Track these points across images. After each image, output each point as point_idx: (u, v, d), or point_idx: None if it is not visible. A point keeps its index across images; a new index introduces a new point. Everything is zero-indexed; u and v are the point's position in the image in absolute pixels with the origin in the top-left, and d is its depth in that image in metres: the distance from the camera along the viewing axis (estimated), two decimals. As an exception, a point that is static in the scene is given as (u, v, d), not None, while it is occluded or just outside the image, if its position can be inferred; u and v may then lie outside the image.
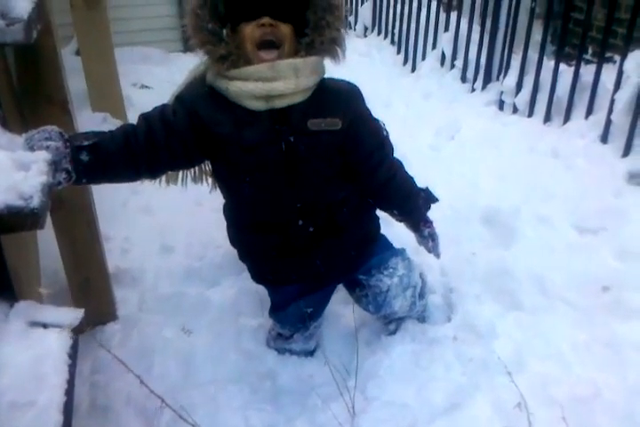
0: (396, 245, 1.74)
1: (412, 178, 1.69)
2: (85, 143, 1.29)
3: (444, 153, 2.81)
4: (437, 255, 1.77)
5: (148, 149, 1.37)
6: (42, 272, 1.82)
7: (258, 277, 1.69)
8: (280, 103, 1.35)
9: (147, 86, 4.01)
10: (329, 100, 1.41)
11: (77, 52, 3.42)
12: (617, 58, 2.47)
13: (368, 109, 1.53)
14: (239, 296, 2.03)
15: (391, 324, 1.78)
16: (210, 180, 1.85)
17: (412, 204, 1.68)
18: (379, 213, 1.71)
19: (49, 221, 1.67)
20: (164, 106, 1.43)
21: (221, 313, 1.97)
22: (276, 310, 1.72)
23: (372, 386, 1.56)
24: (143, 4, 4.54)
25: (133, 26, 4.47)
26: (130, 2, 4.38)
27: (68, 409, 1.01)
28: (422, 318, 1.82)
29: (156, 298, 2.01)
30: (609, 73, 2.53)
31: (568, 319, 1.75)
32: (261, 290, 1.85)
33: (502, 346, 1.63)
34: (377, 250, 1.66)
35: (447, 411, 1.48)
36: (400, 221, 1.74)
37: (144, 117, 1.40)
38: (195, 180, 1.84)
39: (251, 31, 1.31)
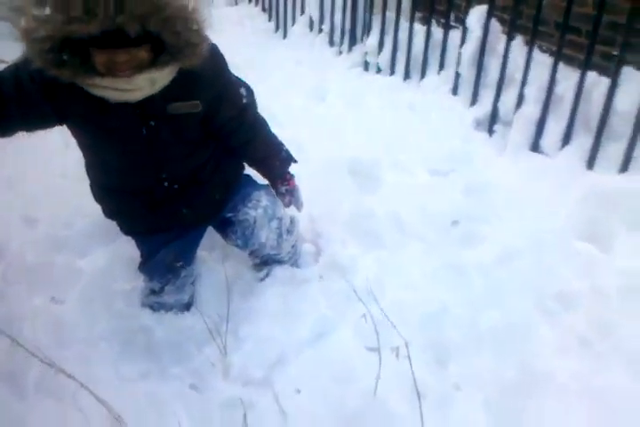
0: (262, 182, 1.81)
1: (273, 138, 1.75)
2: None
3: (314, 113, 2.90)
4: (298, 209, 1.85)
5: (15, 106, 1.32)
6: None
7: (126, 229, 1.71)
8: (138, 97, 1.34)
9: (2, 60, 3.77)
10: (188, 83, 1.40)
11: None
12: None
13: (230, 79, 1.54)
14: (111, 264, 2.00)
15: (262, 271, 1.85)
16: None
17: (270, 163, 1.74)
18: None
19: None
20: (17, 67, 1.34)
21: (93, 281, 1.93)
22: (145, 262, 1.73)
23: (243, 328, 1.63)
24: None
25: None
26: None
27: None
28: (295, 263, 1.90)
29: (21, 269, 1.95)
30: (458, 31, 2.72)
31: (421, 252, 1.91)
32: (134, 256, 1.87)
33: (363, 280, 1.75)
34: (240, 187, 1.71)
35: (313, 341, 1.59)
36: (262, 176, 1.80)
37: (11, 70, 1.34)
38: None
39: (103, 59, 1.24)
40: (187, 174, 1.57)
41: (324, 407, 1.39)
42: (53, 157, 2.43)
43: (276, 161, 1.74)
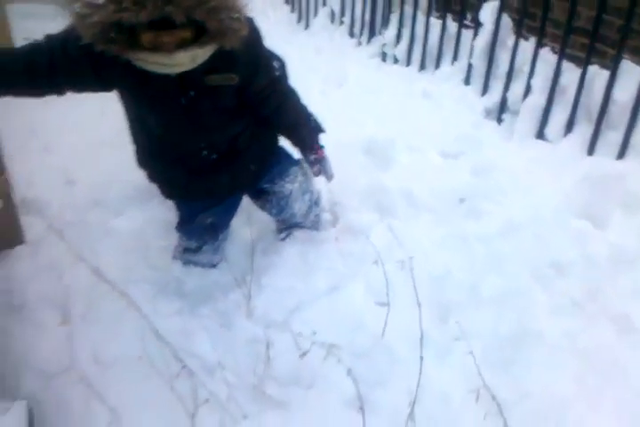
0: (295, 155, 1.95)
1: (303, 107, 1.83)
2: None
3: (333, 98, 3.07)
4: (328, 178, 1.95)
5: (48, 76, 1.45)
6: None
7: (167, 194, 1.84)
8: (179, 71, 1.43)
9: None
10: (226, 57, 1.47)
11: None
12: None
13: (263, 52, 1.61)
14: (146, 223, 2.18)
15: (282, 232, 2.02)
16: None
17: (300, 131, 1.85)
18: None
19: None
20: (66, 36, 1.44)
21: (128, 238, 2.12)
22: (183, 223, 1.85)
23: (265, 279, 1.81)
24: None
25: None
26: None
27: None
28: (315, 227, 2.06)
29: (61, 225, 2.12)
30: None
31: (429, 223, 2.08)
32: (169, 217, 2.04)
33: (375, 243, 1.91)
34: (277, 160, 1.85)
35: (328, 292, 1.76)
36: (293, 145, 1.92)
37: (48, 43, 1.45)
38: None
39: (149, 38, 1.33)
40: (224, 144, 1.68)
41: (335, 347, 1.55)
42: (89, 124, 2.61)
43: (305, 129, 1.84)
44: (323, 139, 2.12)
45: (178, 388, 1.39)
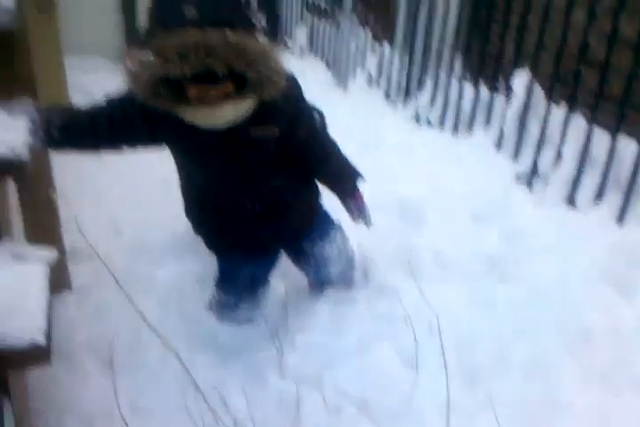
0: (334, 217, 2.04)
1: (342, 157, 1.92)
2: (56, 121, 1.55)
3: (368, 158, 3.16)
4: (366, 223, 2.00)
5: (108, 135, 1.61)
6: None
7: (210, 245, 1.93)
8: (223, 123, 1.54)
9: (89, 92, 4.21)
10: (268, 110, 1.57)
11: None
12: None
13: (304, 105, 1.72)
14: (185, 275, 2.29)
15: (316, 290, 2.09)
16: None
17: (340, 179, 1.92)
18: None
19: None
20: (124, 98, 1.59)
21: (168, 288, 2.22)
22: (223, 278, 1.92)
23: (298, 336, 1.88)
24: (89, 16, 4.74)
25: (81, 38, 4.66)
26: (76, 15, 4.58)
27: (50, 319, 1.23)
28: (347, 286, 2.12)
29: (106, 273, 2.23)
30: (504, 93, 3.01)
31: (459, 285, 2.13)
32: (208, 270, 2.15)
33: (405, 304, 1.97)
34: (319, 221, 1.93)
35: (358, 352, 1.82)
36: (333, 192, 1.97)
37: (108, 104, 1.62)
38: None
39: (194, 92, 1.45)
40: (268, 196, 1.76)
41: (363, 408, 1.59)
42: (139, 177, 2.77)
43: (344, 178, 1.91)
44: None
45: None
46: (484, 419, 1.63)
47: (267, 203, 1.79)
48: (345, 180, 1.93)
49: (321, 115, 1.86)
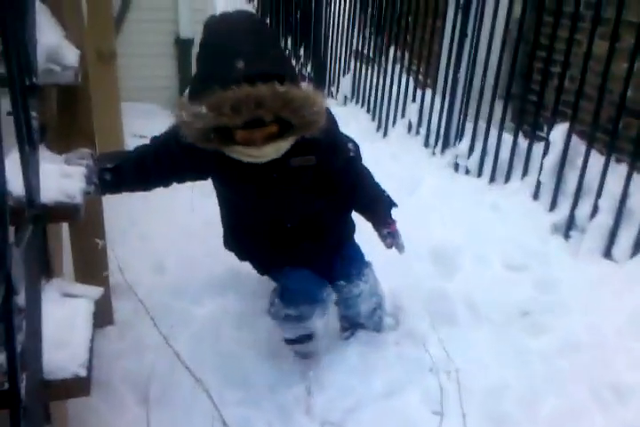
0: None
1: (376, 185, 2.02)
2: (109, 166, 1.70)
3: (404, 203, 3.22)
4: (399, 251, 2.04)
5: (156, 171, 1.75)
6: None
7: (258, 268, 2.07)
8: (266, 160, 1.65)
9: (144, 136, 4.45)
10: (306, 143, 1.64)
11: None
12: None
13: (339, 136, 1.82)
14: (221, 313, 2.35)
15: (346, 331, 2.13)
16: None
17: (374, 206, 2.01)
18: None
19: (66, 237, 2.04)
20: (168, 136, 1.71)
21: (204, 326, 2.29)
22: (283, 291, 1.89)
23: (326, 376, 1.90)
24: (146, 65, 5.06)
25: (136, 84, 4.97)
26: (134, 63, 4.90)
27: (91, 353, 1.31)
28: (376, 329, 2.16)
29: (147, 309, 2.34)
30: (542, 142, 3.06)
31: (489, 334, 2.13)
32: (243, 309, 2.23)
33: (434, 351, 1.99)
34: (354, 257, 2.03)
35: (385, 396, 1.83)
36: (367, 220, 2.04)
37: (153, 144, 1.77)
38: None
39: (243, 136, 1.55)
40: (305, 222, 1.88)
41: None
42: (181, 217, 2.90)
43: (379, 205, 1.99)
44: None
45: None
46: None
47: (304, 227, 1.89)
48: (379, 207, 2.01)
49: (355, 145, 1.96)
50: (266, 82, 1.43)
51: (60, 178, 1.45)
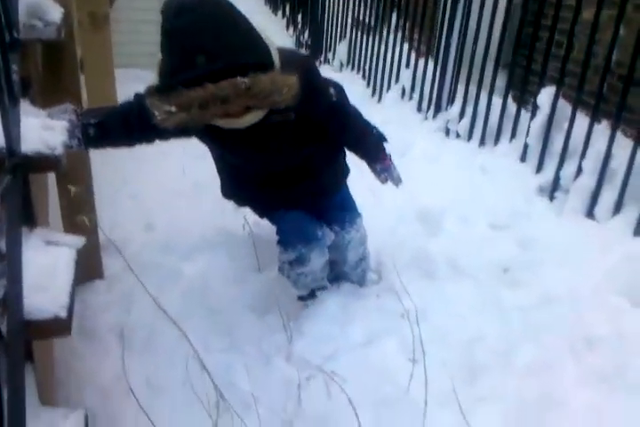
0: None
1: (365, 123, 2.03)
2: (92, 121, 1.71)
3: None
4: (396, 184, 2.13)
5: (139, 128, 1.74)
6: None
7: (258, 212, 2.13)
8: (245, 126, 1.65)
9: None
10: None
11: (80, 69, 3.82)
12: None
13: (319, 86, 1.76)
14: (209, 269, 2.41)
15: (331, 283, 2.18)
16: None
17: (364, 145, 2.03)
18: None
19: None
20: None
21: (192, 281, 2.34)
22: (281, 232, 1.95)
23: (306, 325, 1.96)
24: (141, 31, 5.02)
25: (130, 50, 4.94)
26: (128, 29, 4.86)
27: (72, 297, 1.35)
28: (359, 282, 2.22)
29: (136, 265, 2.39)
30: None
31: (470, 289, 2.18)
32: (230, 265, 2.28)
33: (414, 303, 2.03)
34: (347, 205, 2.10)
35: (363, 345, 1.89)
36: (360, 158, 2.07)
37: (137, 101, 1.73)
38: None
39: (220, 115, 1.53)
40: (299, 164, 1.91)
41: (362, 395, 1.67)
42: (172, 178, 2.94)
43: (369, 144, 2.02)
44: (379, 203, 2.31)
45: (214, 416, 1.54)
46: (480, 413, 1.68)
47: (296, 172, 1.94)
48: (369, 146, 2.04)
49: (337, 88, 1.93)
50: (231, 75, 1.40)
51: (42, 130, 1.48)
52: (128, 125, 1.76)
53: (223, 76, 1.40)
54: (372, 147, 2.06)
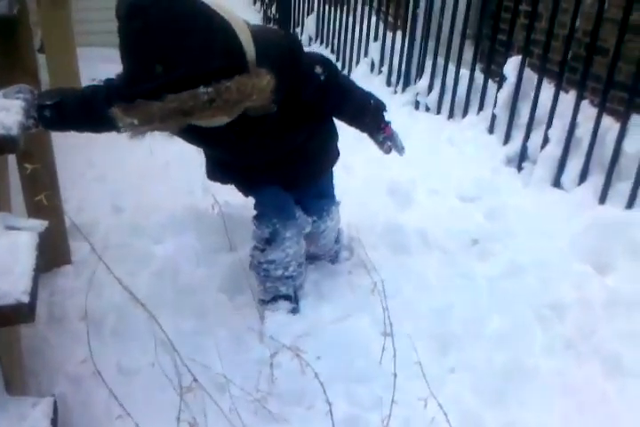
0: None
1: (362, 96, 1.89)
2: (48, 102, 1.62)
3: (364, 141, 3.26)
4: (399, 153, 1.99)
5: (106, 115, 1.55)
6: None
7: (243, 191, 2.04)
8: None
9: (102, 80, 4.33)
10: None
11: (40, 50, 3.68)
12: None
13: (302, 69, 1.61)
14: (179, 251, 2.38)
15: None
16: None
17: (363, 118, 1.90)
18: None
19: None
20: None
21: (161, 263, 2.32)
22: (259, 205, 1.92)
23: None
24: (102, 7, 4.86)
25: (93, 28, 4.79)
26: (90, 5, 4.71)
27: (35, 282, 1.32)
28: (332, 261, 2.23)
29: (105, 248, 2.35)
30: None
31: (439, 261, 2.20)
32: (200, 246, 2.27)
33: (385, 277, 2.04)
34: (327, 194, 2.08)
35: (335, 321, 1.90)
36: (361, 131, 1.96)
37: (106, 87, 1.66)
38: None
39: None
40: (285, 155, 1.84)
41: (336, 370, 1.68)
42: (140, 160, 2.88)
43: (367, 116, 1.89)
44: (350, 178, 2.27)
45: (186, 398, 1.54)
46: (451, 382, 1.71)
47: (287, 155, 1.86)
48: (367, 118, 1.92)
49: (324, 64, 1.72)
50: (192, 85, 1.30)
51: (-4, 111, 1.43)
52: (92, 110, 1.64)
53: (184, 86, 1.30)
54: (372, 118, 1.91)
